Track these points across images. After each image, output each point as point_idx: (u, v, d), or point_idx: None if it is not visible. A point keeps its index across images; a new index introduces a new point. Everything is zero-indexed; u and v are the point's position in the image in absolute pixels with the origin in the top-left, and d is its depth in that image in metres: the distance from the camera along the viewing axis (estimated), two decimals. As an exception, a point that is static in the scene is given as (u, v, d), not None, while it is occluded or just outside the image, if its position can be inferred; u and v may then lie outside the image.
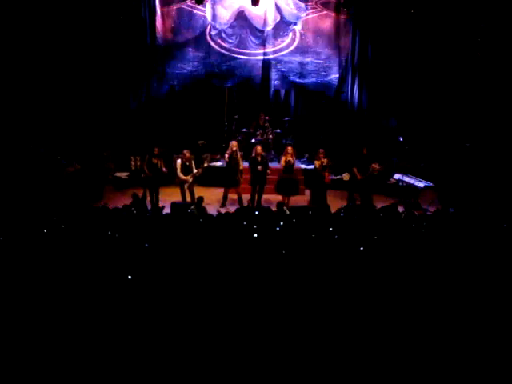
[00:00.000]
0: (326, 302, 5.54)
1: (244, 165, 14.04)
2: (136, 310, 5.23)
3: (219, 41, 17.46)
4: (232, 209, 12.05)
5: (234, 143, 13.68)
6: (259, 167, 13.28)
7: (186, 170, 13.26)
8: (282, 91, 17.92)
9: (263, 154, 13.54)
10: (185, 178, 13.23)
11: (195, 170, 13.42)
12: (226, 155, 13.62)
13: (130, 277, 5.92)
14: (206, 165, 14.12)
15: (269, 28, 17.29)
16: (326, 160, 13.37)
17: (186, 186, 13.29)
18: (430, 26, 16.13)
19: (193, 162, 13.54)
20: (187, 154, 13.37)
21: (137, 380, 4.35)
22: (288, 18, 17.30)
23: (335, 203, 13.10)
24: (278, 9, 17.19)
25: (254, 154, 13.46)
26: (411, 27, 16.34)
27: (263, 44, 17.41)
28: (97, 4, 15.80)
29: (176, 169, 13.33)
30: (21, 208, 10.20)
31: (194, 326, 4.97)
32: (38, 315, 5.09)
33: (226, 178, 13.60)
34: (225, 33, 17.38)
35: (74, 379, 4.30)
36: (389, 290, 5.90)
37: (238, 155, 13.57)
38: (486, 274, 6.49)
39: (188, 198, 13.21)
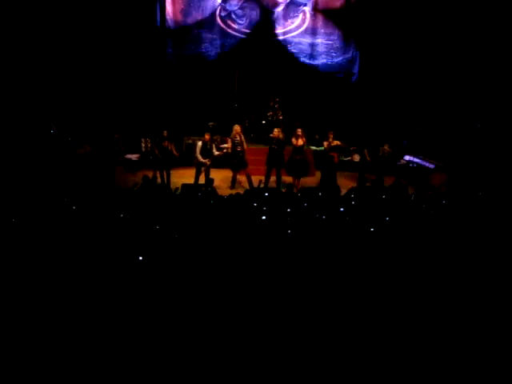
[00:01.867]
0: (335, 286, 5.57)
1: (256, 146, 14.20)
2: (146, 291, 5.28)
3: (229, 22, 17.45)
4: (241, 191, 12.05)
5: (236, 127, 13.68)
6: (274, 146, 13.40)
7: (206, 152, 13.26)
8: (293, 72, 17.85)
9: (280, 137, 13.50)
10: (204, 160, 13.21)
11: (216, 153, 13.41)
12: (229, 140, 13.63)
13: (140, 258, 5.97)
14: (226, 149, 14.01)
15: (279, 9, 17.27)
16: (336, 142, 13.36)
17: (203, 168, 13.29)
18: (443, 6, 16.03)
19: (214, 144, 13.55)
20: (207, 137, 13.37)
21: (143, 371, 4.40)
22: (298, -2, 17.27)
23: (346, 184, 13.10)
24: (287, -11, 17.15)
25: (272, 136, 13.50)
26: (423, 7, 16.25)
27: (273, 25, 17.37)
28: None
29: (195, 150, 13.31)
30: (32, 189, 10.25)
31: (202, 310, 5.01)
32: (48, 296, 5.14)
33: (232, 162, 13.62)
34: (235, 14, 17.37)
35: (79, 366, 4.35)
36: (399, 274, 5.91)
37: (242, 137, 13.60)
38: (495, 256, 6.49)
39: (202, 180, 13.18)
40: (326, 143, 13.42)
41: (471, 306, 5.17)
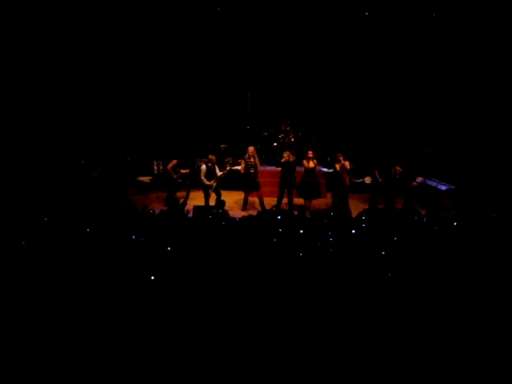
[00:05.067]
0: (347, 307, 5.57)
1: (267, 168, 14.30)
2: (158, 307, 5.33)
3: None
4: (253, 212, 12.07)
5: (250, 149, 13.80)
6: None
7: (211, 174, 13.29)
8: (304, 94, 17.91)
9: (290, 160, 13.61)
10: (209, 183, 13.24)
11: (219, 173, 13.44)
12: (243, 161, 13.73)
13: (152, 277, 6.02)
14: (228, 168, 14.16)
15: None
16: (347, 163, 13.36)
17: (210, 191, 13.33)
18: (453, 28, 16.06)
19: (216, 166, 13.59)
20: (213, 158, 13.41)
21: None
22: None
23: (357, 206, 13.10)
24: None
25: (284, 160, 13.60)
26: (433, 29, 16.28)
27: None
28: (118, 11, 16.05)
29: (200, 174, 13.33)
30: (45, 212, 10.32)
31: (211, 323, 5.05)
32: (63, 313, 5.19)
33: (245, 183, 13.70)
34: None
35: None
36: (409, 294, 5.92)
37: (256, 159, 13.68)
38: (507, 277, 6.47)
39: (213, 202, 13.21)
40: (337, 165, 13.39)
41: (481, 326, 5.17)
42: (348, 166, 13.37)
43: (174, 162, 13.74)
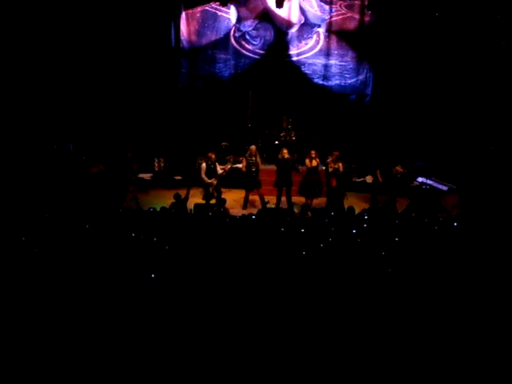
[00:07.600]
0: (344, 304, 5.56)
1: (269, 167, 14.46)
2: (158, 305, 5.32)
3: (243, 43, 17.51)
4: (254, 211, 12.06)
5: (253, 148, 13.78)
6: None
7: (211, 172, 13.27)
8: (306, 93, 17.85)
9: (289, 157, 13.59)
10: (209, 181, 13.23)
11: (220, 171, 13.43)
12: (244, 159, 13.71)
13: (153, 275, 6.01)
14: (229, 166, 14.13)
15: (293, 30, 17.34)
16: (338, 164, 13.27)
17: (211, 189, 13.31)
18: (455, 29, 16.00)
19: (217, 163, 13.57)
20: (213, 156, 13.40)
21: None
22: (312, 20, 17.32)
23: (359, 205, 13.06)
24: (302, 11, 17.22)
25: (280, 157, 13.56)
26: (436, 30, 16.24)
27: (287, 46, 17.45)
28: (121, 6, 15.96)
29: (200, 172, 13.31)
30: (45, 208, 10.31)
31: (211, 323, 5.04)
32: (61, 311, 5.18)
33: (246, 181, 13.68)
34: (249, 35, 17.44)
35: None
36: (409, 294, 5.90)
37: (258, 158, 13.67)
38: (508, 278, 6.45)
39: (213, 200, 13.21)
40: (330, 163, 13.35)
41: (482, 329, 5.15)
42: (341, 169, 13.29)
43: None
